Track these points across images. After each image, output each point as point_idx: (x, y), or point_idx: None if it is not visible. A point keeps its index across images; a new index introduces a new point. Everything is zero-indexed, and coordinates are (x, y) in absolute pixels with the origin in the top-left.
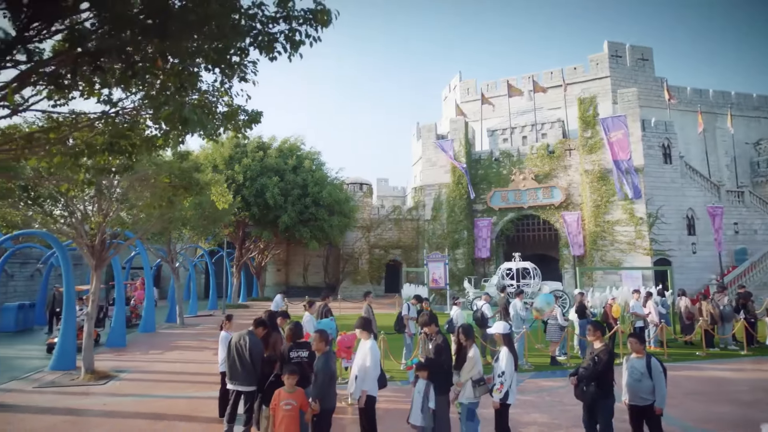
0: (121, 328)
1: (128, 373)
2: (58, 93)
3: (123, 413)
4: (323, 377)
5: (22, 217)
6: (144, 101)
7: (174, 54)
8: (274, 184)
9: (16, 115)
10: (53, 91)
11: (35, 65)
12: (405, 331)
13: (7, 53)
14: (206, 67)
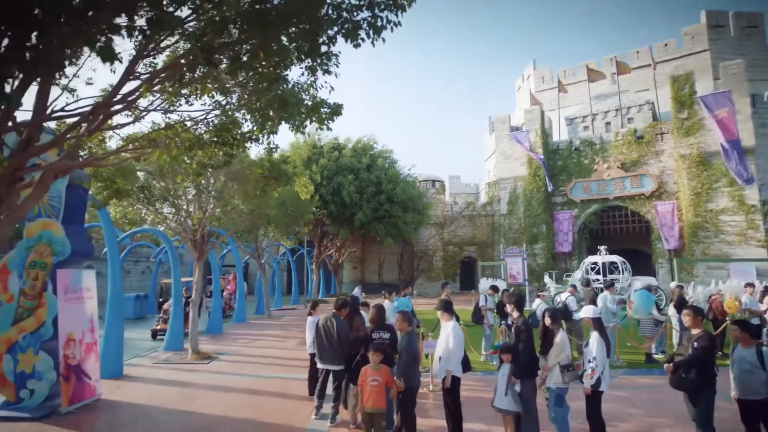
0: (218, 317)
1: (226, 355)
2: (173, 95)
3: (225, 387)
4: (406, 356)
5: (138, 216)
6: (245, 95)
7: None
8: (349, 182)
9: (138, 121)
10: (170, 94)
11: (152, 75)
12: (483, 322)
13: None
14: (298, 57)
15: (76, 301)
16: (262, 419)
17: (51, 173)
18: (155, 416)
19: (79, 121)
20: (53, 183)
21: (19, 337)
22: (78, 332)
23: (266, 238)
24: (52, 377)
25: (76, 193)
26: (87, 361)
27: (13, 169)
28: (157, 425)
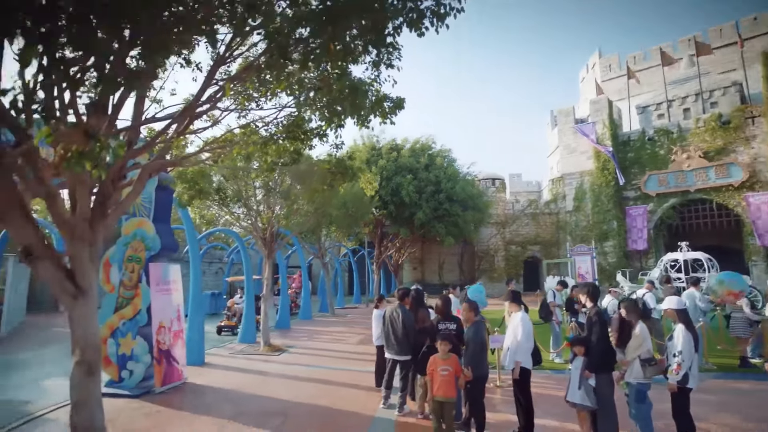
0: (286, 313)
1: (296, 348)
2: (246, 100)
3: (296, 377)
4: (474, 345)
5: (214, 217)
6: (314, 91)
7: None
8: (408, 182)
9: (215, 125)
10: (243, 98)
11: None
12: (552, 319)
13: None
14: (365, 48)
15: (165, 292)
16: (332, 406)
17: (147, 172)
18: (235, 399)
19: (169, 124)
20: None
21: (120, 323)
22: (167, 320)
23: (329, 238)
24: (147, 360)
25: (163, 194)
26: (175, 347)
27: (118, 169)
28: (237, 406)
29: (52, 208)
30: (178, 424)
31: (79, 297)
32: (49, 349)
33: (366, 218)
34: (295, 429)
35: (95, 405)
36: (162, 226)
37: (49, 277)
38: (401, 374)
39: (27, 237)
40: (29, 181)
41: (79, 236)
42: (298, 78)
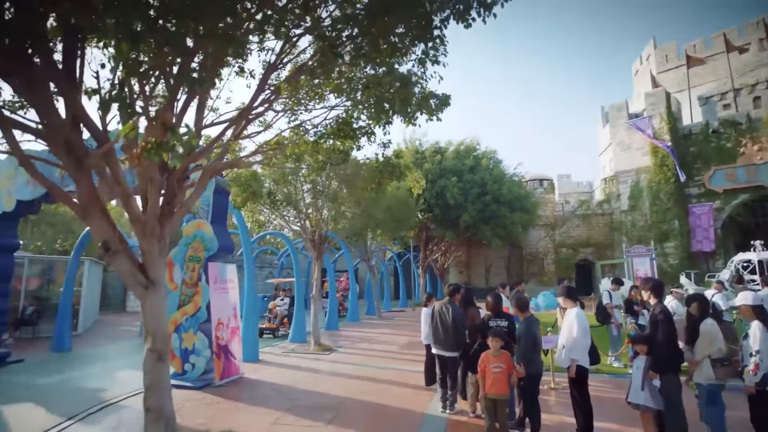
0: (334, 315)
1: (345, 348)
2: (295, 105)
3: (346, 375)
4: (525, 341)
5: (266, 220)
6: (362, 89)
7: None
8: (453, 184)
9: (267, 130)
10: (293, 103)
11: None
12: (611, 322)
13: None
14: (412, 41)
15: (223, 291)
16: (382, 403)
17: (207, 173)
18: (288, 393)
19: (226, 128)
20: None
21: (182, 319)
22: (225, 317)
23: (374, 241)
24: (207, 354)
25: (220, 198)
26: (232, 342)
27: (182, 171)
28: (290, 400)
29: (127, 207)
30: (237, 414)
31: (149, 288)
32: (119, 344)
33: (411, 222)
34: (347, 423)
35: (165, 389)
36: (219, 228)
37: (123, 270)
38: (450, 371)
39: (105, 233)
40: (108, 182)
41: (150, 232)
42: (347, 76)
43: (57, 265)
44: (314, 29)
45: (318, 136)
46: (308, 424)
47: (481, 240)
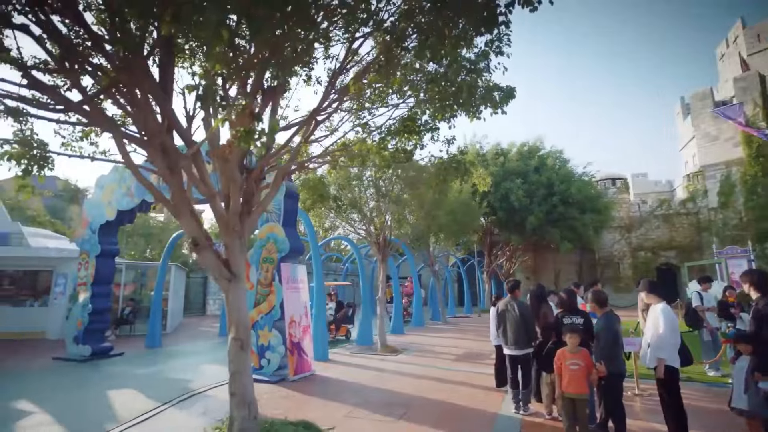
0: (399, 320)
1: (412, 350)
2: (360, 109)
3: (414, 375)
4: (605, 337)
5: (332, 225)
6: (428, 83)
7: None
8: (517, 186)
9: (333, 134)
10: (358, 107)
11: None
12: (704, 326)
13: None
14: (477, 29)
15: (295, 290)
16: (453, 402)
17: (281, 174)
18: (358, 390)
19: (297, 130)
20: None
21: (258, 317)
22: (297, 315)
23: (437, 245)
24: (281, 351)
25: (290, 202)
26: (304, 340)
27: (259, 171)
28: (361, 396)
29: (212, 205)
30: (311, 406)
31: (232, 281)
32: (202, 342)
33: (474, 225)
34: (418, 419)
35: (247, 376)
36: (290, 231)
37: (210, 264)
38: (522, 371)
39: (194, 231)
40: (196, 182)
41: (233, 229)
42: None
43: (149, 271)
44: (380, 25)
45: (383, 134)
46: (380, 418)
47: (549, 244)
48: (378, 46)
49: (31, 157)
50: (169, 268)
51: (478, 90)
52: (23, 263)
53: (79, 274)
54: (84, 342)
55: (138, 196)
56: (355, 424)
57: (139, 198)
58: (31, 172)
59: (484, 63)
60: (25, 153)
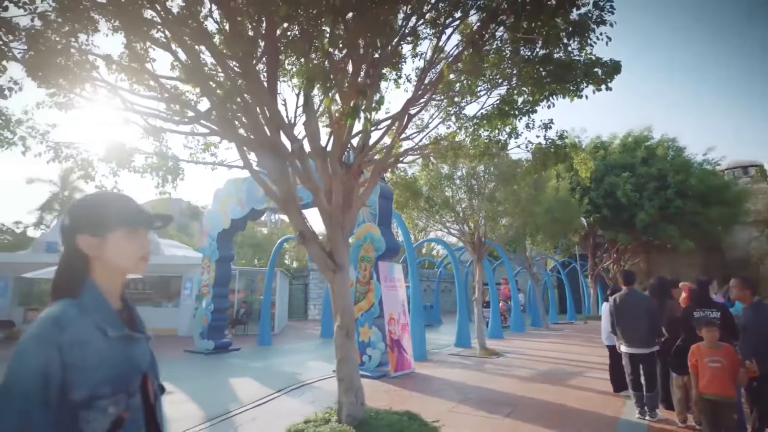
0: (498, 324)
1: (513, 353)
2: (450, 104)
3: (517, 376)
4: (756, 331)
5: (425, 225)
6: (522, 66)
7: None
8: (624, 180)
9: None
10: (449, 101)
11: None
12: None
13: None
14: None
15: (392, 288)
16: (563, 403)
17: (377, 169)
18: (460, 387)
19: (390, 125)
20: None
21: (358, 314)
22: (396, 313)
23: (535, 244)
24: (381, 347)
25: (385, 202)
26: (403, 337)
27: (357, 166)
28: (463, 394)
29: (316, 198)
30: (414, 401)
31: (337, 271)
32: (306, 342)
33: (575, 224)
34: (527, 419)
35: (353, 362)
36: (385, 230)
37: (316, 255)
38: (645, 371)
39: (301, 225)
40: (301, 176)
41: (335, 221)
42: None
43: (258, 276)
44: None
45: (475, 122)
46: (485, 415)
47: (664, 243)
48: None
49: (167, 168)
50: (276, 273)
51: (578, 65)
52: (159, 270)
53: (202, 277)
54: (208, 337)
55: (248, 205)
56: (459, 419)
57: (248, 207)
58: (168, 181)
59: (585, 35)
60: (162, 165)
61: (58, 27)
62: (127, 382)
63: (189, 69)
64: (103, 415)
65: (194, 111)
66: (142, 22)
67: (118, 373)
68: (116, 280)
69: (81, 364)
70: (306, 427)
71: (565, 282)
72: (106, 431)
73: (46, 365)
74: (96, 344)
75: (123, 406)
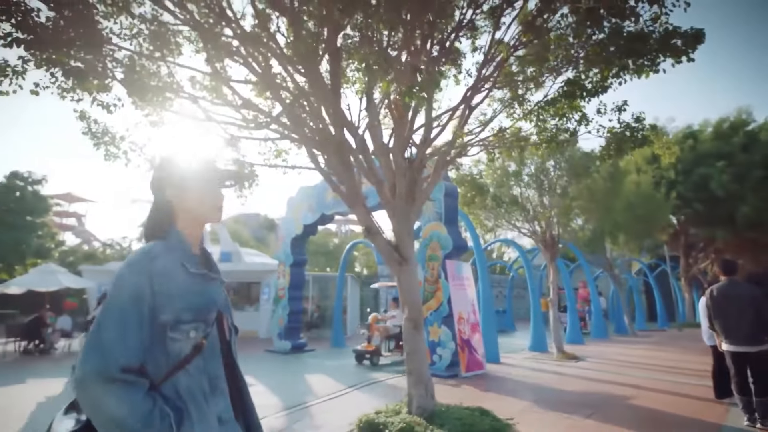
0: (576, 329)
1: (594, 359)
2: (513, 98)
3: (600, 380)
4: None
5: (492, 225)
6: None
7: None
8: (719, 170)
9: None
10: (514, 93)
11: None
12: None
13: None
14: None
15: (461, 287)
16: (653, 408)
17: (440, 163)
18: (536, 389)
19: (451, 115)
20: (434, 192)
21: (427, 313)
22: (465, 312)
23: (616, 246)
24: (452, 347)
25: (450, 200)
26: (473, 337)
27: (420, 160)
28: (539, 394)
29: (380, 192)
30: (486, 399)
31: (403, 264)
32: None
33: (661, 222)
34: (610, 421)
35: (422, 354)
36: (451, 228)
37: (382, 248)
38: (754, 373)
39: (367, 220)
40: (365, 172)
41: (399, 214)
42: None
43: (330, 282)
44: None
45: (542, 104)
46: (563, 415)
47: None
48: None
49: (245, 175)
50: (346, 278)
51: (651, 36)
52: (240, 277)
53: (278, 281)
54: (285, 338)
55: (318, 211)
56: (535, 417)
57: (318, 212)
58: (245, 186)
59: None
60: (241, 171)
61: (150, 54)
62: (205, 313)
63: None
64: (186, 337)
65: (266, 115)
66: (222, 42)
67: (197, 303)
68: (196, 228)
69: (166, 291)
70: (377, 417)
71: (654, 286)
72: (188, 354)
73: (138, 288)
74: (179, 277)
75: (202, 333)
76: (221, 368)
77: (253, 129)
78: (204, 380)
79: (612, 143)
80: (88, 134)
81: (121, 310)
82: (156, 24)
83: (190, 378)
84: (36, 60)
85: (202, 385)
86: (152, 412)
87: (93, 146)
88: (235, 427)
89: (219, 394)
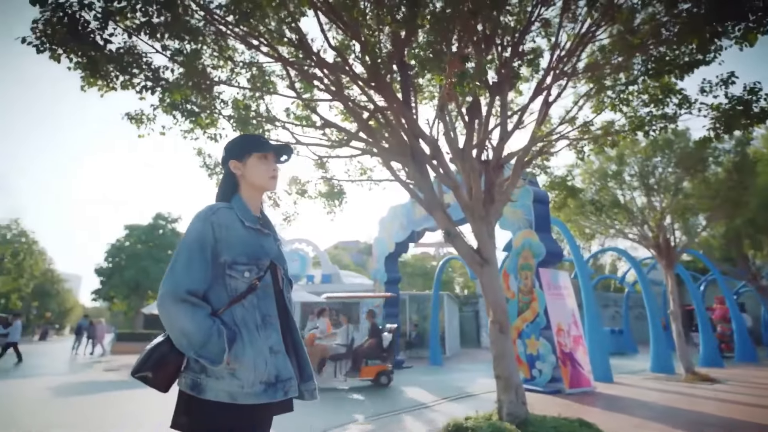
0: (713, 350)
1: (733, 381)
2: (600, 91)
3: (737, 401)
4: None
5: (592, 231)
6: None
7: None
8: None
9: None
10: (599, 86)
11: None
12: None
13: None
14: None
15: (558, 297)
16: None
17: (519, 162)
18: (652, 407)
19: (521, 113)
20: (522, 198)
21: (524, 325)
22: (564, 323)
23: (759, 256)
24: (552, 360)
25: (540, 206)
26: (577, 351)
27: (496, 160)
28: (654, 412)
29: (456, 195)
30: (591, 414)
31: (484, 265)
32: (478, 365)
33: None
34: None
35: (510, 358)
36: (543, 235)
37: (463, 251)
38: None
39: (446, 224)
40: (441, 176)
41: (478, 216)
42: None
43: (426, 301)
44: None
45: (632, 77)
46: None
47: None
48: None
49: (335, 193)
50: (442, 297)
51: None
52: (341, 297)
53: (374, 300)
54: None
55: (408, 228)
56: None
57: (409, 229)
58: (335, 204)
59: None
60: (331, 190)
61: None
62: (257, 258)
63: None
64: (241, 276)
65: (347, 133)
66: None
67: (251, 250)
68: (256, 196)
69: (225, 238)
70: (465, 422)
71: None
72: (244, 291)
73: (201, 232)
74: (236, 228)
75: (255, 275)
76: (274, 309)
77: (336, 147)
78: (257, 315)
79: (718, 121)
80: (203, 167)
81: (188, 249)
82: (254, 68)
83: (245, 311)
84: (162, 107)
85: (255, 318)
86: (211, 328)
87: (207, 176)
88: (285, 358)
89: (271, 329)
